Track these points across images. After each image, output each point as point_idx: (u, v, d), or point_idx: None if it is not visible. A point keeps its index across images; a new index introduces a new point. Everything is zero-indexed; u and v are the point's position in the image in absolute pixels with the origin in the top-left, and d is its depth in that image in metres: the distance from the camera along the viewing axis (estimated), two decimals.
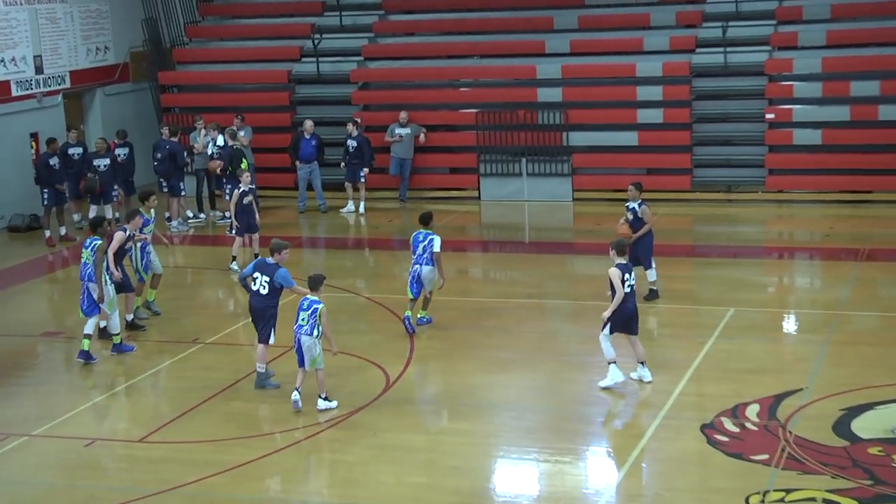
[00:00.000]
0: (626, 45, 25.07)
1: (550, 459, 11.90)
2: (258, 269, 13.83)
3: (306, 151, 23.80)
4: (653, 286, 16.91)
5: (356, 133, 23.75)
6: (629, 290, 13.25)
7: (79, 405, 13.84)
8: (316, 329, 12.99)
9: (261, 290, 13.71)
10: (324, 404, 13.15)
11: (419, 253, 15.56)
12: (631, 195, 16.80)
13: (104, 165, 22.48)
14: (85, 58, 26.06)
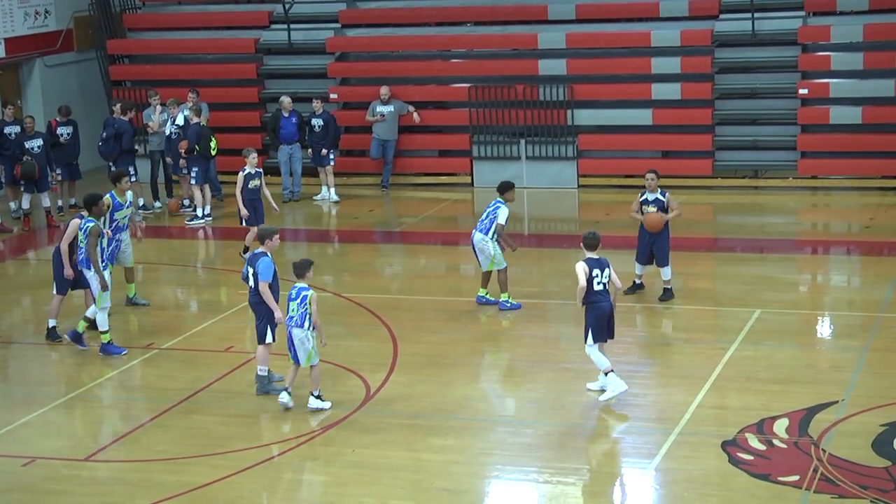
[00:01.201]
0: (640, 10, 25.14)
1: (552, 480, 11.95)
2: (248, 262, 13.97)
3: (287, 131, 23.84)
4: (667, 285, 17.00)
5: (321, 111, 23.80)
6: (601, 288, 13.32)
7: (17, 419, 13.83)
8: (307, 320, 13.15)
9: (251, 283, 13.83)
10: (316, 403, 13.36)
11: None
12: (651, 185, 16.91)
13: (37, 147, 22.45)
14: (22, 23, 26.06)
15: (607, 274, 13.36)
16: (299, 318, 13.21)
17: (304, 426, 13.19)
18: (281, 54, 26.49)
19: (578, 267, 13.33)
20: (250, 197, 19.00)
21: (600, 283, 13.31)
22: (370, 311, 17.09)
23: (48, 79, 26.71)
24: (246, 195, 18.95)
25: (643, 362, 14.86)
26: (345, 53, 26.29)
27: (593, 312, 13.34)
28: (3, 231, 22.41)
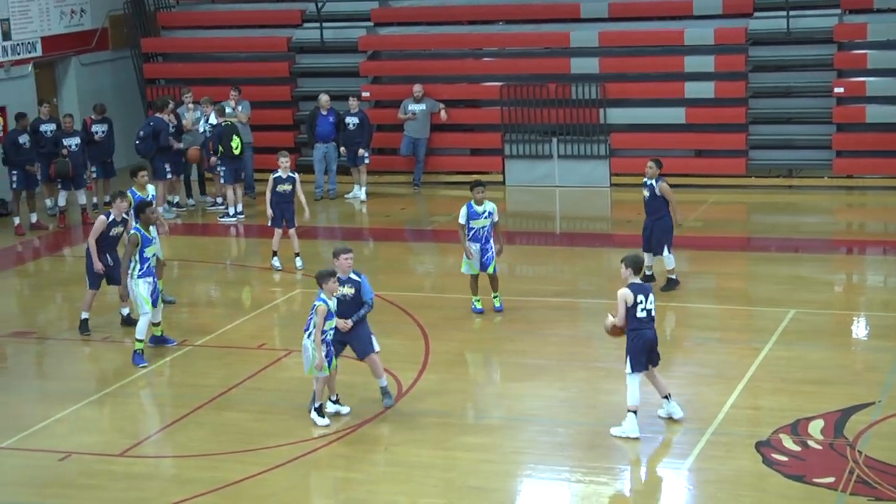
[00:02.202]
0: (673, 8, 25.07)
1: (584, 479, 11.93)
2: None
3: (324, 129, 23.88)
4: (671, 274, 17.10)
5: (357, 109, 23.83)
6: (644, 315, 12.60)
7: (52, 414, 13.91)
8: (310, 329, 12.95)
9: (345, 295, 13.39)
10: (314, 416, 13.12)
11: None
12: (650, 173, 17.18)
13: (74, 145, 22.62)
14: (58, 22, 26.20)
15: (651, 300, 12.66)
16: (306, 326, 13.05)
17: (337, 423, 13.20)
18: (313, 53, 26.55)
19: (621, 295, 12.59)
20: (278, 200, 18.81)
21: (644, 309, 12.57)
22: (402, 308, 17.10)
23: (83, 77, 26.86)
24: (274, 198, 18.86)
25: (676, 362, 14.80)
26: (377, 52, 26.32)
27: (635, 340, 12.61)
28: (40, 228, 22.57)
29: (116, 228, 16.10)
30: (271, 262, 19.11)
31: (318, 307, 12.80)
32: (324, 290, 12.89)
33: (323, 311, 12.79)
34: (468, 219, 16.12)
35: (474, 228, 16.13)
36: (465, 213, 16.13)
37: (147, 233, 15.19)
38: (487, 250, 16.18)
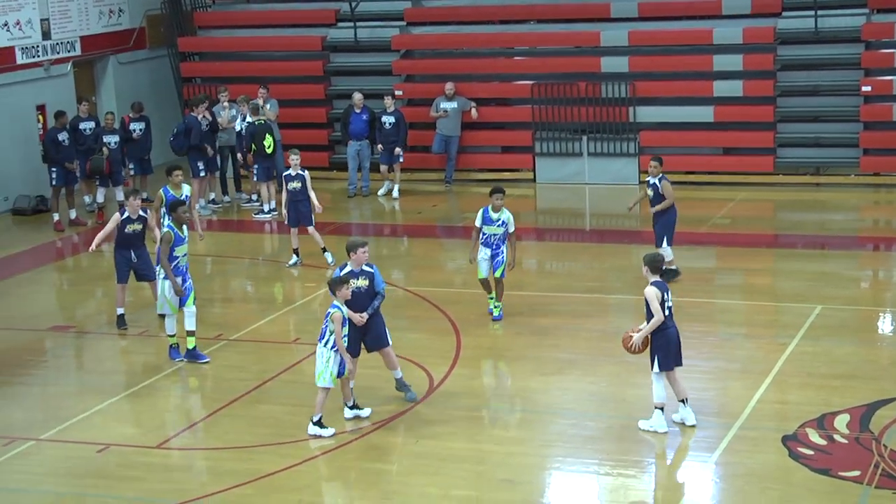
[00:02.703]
0: (702, 7, 25.01)
1: (612, 472, 11.96)
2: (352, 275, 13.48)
3: (357, 127, 23.96)
4: (670, 265, 17.12)
5: (393, 108, 23.89)
6: (668, 313, 12.58)
7: (91, 407, 14.03)
8: (326, 336, 12.75)
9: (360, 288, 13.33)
10: (313, 429, 12.86)
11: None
12: (653, 171, 17.34)
13: (114, 142, 22.80)
14: (97, 22, 26.37)
15: (670, 297, 12.66)
16: (321, 333, 12.88)
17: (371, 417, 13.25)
18: (347, 52, 26.63)
19: (652, 294, 12.49)
20: (290, 198, 18.82)
21: (668, 307, 12.59)
22: (434, 304, 17.16)
23: (121, 76, 27.02)
24: (287, 196, 18.91)
25: (704, 357, 14.80)
26: (410, 51, 26.38)
27: (662, 338, 12.58)
28: (78, 224, 22.73)
29: (132, 226, 16.14)
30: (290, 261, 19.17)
31: (332, 314, 12.69)
32: (337, 298, 12.81)
33: (339, 319, 12.67)
34: (483, 223, 15.94)
35: (486, 234, 15.91)
36: (480, 216, 15.95)
37: (180, 231, 15.10)
38: (498, 255, 15.93)
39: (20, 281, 19.66)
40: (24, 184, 23.92)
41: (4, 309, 18.08)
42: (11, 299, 18.63)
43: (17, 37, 24.37)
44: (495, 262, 15.96)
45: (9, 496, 12.09)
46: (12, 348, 16.36)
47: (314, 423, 12.89)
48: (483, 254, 15.96)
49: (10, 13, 24.15)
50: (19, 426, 13.62)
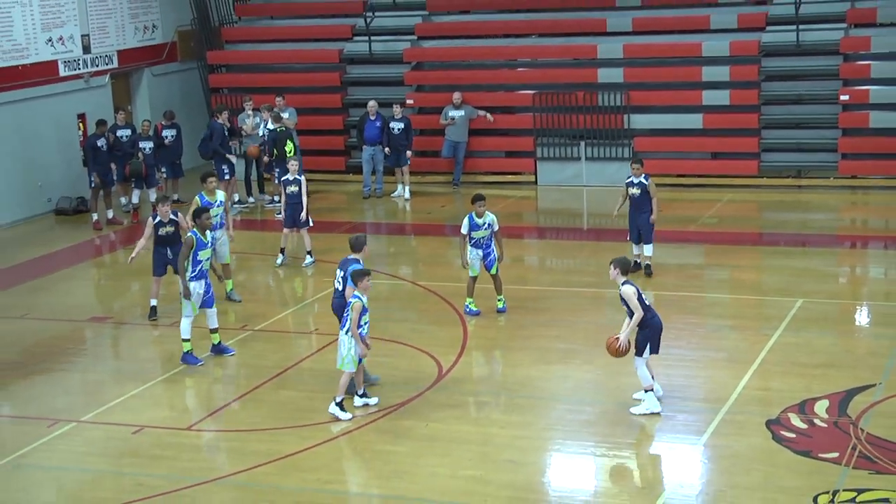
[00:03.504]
0: (692, 23, 24.94)
1: (609, 454, 11.94)
2: (340, 267, 13.53)
3: (371, 133, 23.96)
4: (649, 261, 17.31)
5: (401, 115, 23.90)
6: (649, 304, 12.69)
7: (127, 392, 14.08)
8: (347, 325, 12.80)
9: (337, 286, 13.50)
10: (334, 410, 12.89)
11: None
12: (637, 172, 17.40)
13: (149, 148, 22.84)
14: (132, 37, 26.39)
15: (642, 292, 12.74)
16: (343, 322, 12.96)
17: (383, 402, 13.26)
18: (362, 64, 26.61)
19: (629, 292, 12.52)
20: (289, 201, 18.78)
21: (646, 299, 12.72)
22: (443, 298, 17.14)
23: (154, 86, 27.04)
24: (285, 199, 18.84)
25: (693, 347, 14.79)
26: (420, 63, 26.35)
27: (650, 328, 12.63)
28: (115, 223, 22.77)
29: (164, 229, 16.08)
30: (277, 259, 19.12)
31: (353, 304, 12.72)
32: (358, 288, 12.82)
33: (358, 308, 12.70)
34: (469, 229, 15.87)
35: (475, 238, 15.87)
36: (466, 223, 15.85)
37: (203, 237, 14.88)
38: (489, 254, 15.92)
39: (62, 276, 19.69)
40: (65, 186, 23.96)
41: (47, 302, 18.12)
42: (54, 293, 18.66)
43: (60, 51, 24.40)
44: (488, 260, 15.95)
45: (53, 473, 12.12)
46: (54, 338, 16.40)
47: (336, 404, 12.91)
48: (474, 254, 15.93)
49: (53, 29, 24.18)
50: (62, 409, 13.66)
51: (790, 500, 10.73)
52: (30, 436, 12.91)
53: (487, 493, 11.14)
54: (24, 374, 14.94)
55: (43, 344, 16.14)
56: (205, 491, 11.43)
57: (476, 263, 15.99)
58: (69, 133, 24.44)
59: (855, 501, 10.66)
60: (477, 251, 15.94)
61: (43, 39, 23.98)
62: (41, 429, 13.08)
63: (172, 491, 11.43)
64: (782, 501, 10.74)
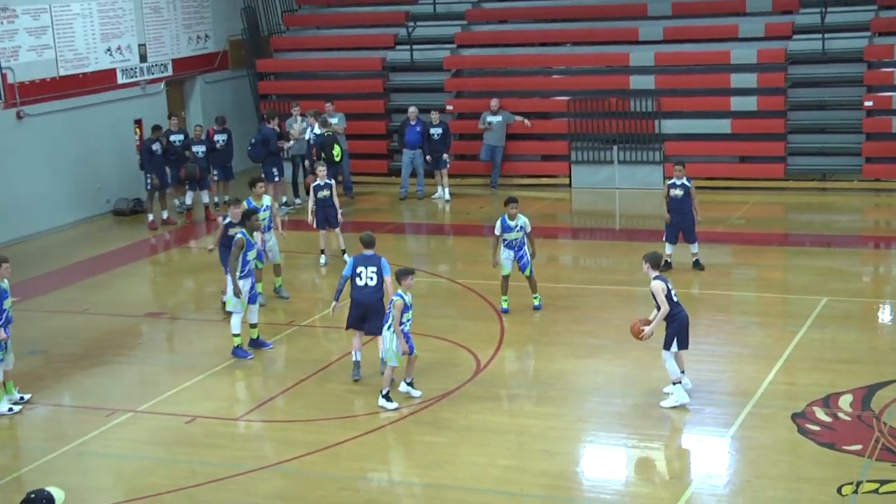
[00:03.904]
0: (721, 31, 24.81)
1: (639, 445, 11.91)
2: (360, 264, 13.63)
3: (411, 137, 24.02)
4: (697, 256, 17.40)
5: (439, 121, 23.95)
6: (677, 300, 12.63)
7: (181, 383, 14.18)
8: (390, 321, 12.85)
9: (368, 282, 13.52)
10: (381, 402, 12.97)
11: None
12: (679, 174, 17.49)
13: (201, 152, 22.99)
14: (186, 46, 26.56)
15: (673, 287, 12.68)
16: (385, 318, 12.99)
17: (424, 395, 13.27)
18: (404, 71, 26.64)
19: (658, 287, 12.51)
20: (320, 205, 18.76)
21: (675, 295, 12.66)
22: (480, 295, 17.15)
23: (207, 93, 27.20)
24: (317, 203, 18.84)
25: (722, 343, 14.73)
26: (460, 70, 26.36)
27: (677, 322, 12.60)
28: (169, 224, 22.92)
29: (234, 229, 16.12)
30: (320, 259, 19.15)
31: (395, 301, 12.77)
32: (402, 286, 12.86)
33: (399, 306, 12.75)
34: (502, 231, 15.81)
35: (508, 239, 15.81)
36: (499, 225, 15.80)
37: (251, 238, 14.96)
38: (522, 256, 15.85)
39: (119, 273, 19.85)
40: (122, 188, 24.15)
41: (106, 298, 18.28)
42: (111, 289, 18.83)
43: (118, 60, 24.60)
44: (522, 262, 15.88)
45: (111, 460, 12.24)
46: (112, 332, 16.55)
47: (382, 396, 12.97)
48: (506, 255, 15.88)
49: (112, 39, 24.39)
50: (119, 399, 13.79)
51: (814, 491, 10.67)
52: (89, 424, 13.05)
53: (523, 482, 11.15)
54: (85, 366, 15.09)
55: (102, 338, 16.29)
56: (254, 478, 11.50)
57: (507, 264, 15.94)
58: (126, 138, 24.63)
59: (878, 492, 10.59)
60: (509, 252, 15.90)
61: (102, 49, 24.20)
62: (100, 418, 13.21)
63: (224, 478, 11.50)
64: (807, 492, 10.68)
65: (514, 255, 15.91)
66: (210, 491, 11.28)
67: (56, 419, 13.49)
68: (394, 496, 11.03)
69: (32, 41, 22.56)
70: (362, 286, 13.57)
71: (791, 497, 10.63)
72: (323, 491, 11.16)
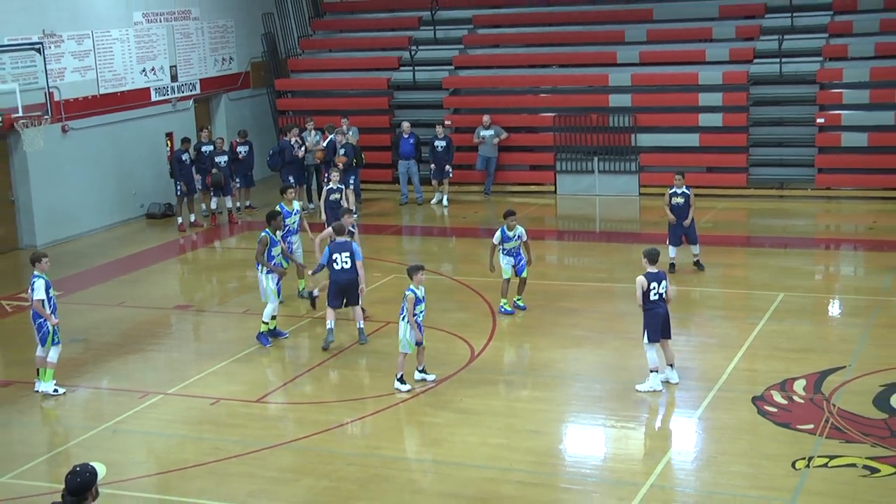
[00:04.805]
0: (690, 56, 24.80)
1: (616, 425, 11.91)
2: (336, 251, 14.13)
3: (405, 149, 24.03)
4: (698, 257, 17.30)
5: (443, 135, 23.93)
6: (657, 298, 12.53)
7: (206, 369, 14.17)
8: (403, 313, 12.81)
9: (344, 265, 14.05)
10: (397, 384, 12.94)
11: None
12: (679, 183, 17.32)
13: (223, 162, 22.97)
14: (212, 67, 26.54)
15: (664, 286, 12.58)
16: (400, 310, 12.91)
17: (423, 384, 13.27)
18: (407, 90, 26.62)
19: (638, 282, 12.54)
20: (331, 206, 18.68)
21: (657, 293, 12.52)
22: (475, 290, 17.14)
23: (231, 109, 27.17)
24: (327, 204, 18.80)
25: (690, 334, 14.72)
26: (457, 89, 26.34)
27: (648, 316, 12.58)
28: (196, 226, 22.89)
29: (339, 237, 15.04)
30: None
31: (407, 296, 12.76)
32: (413, 282, 12.83)
33: (412, 299, 12.73)
34: (502, 241, 15.66)
35: (507, 248, 15.69)
36: (498, 235, 15.63)
37: (275, 236, 14.90)
38: (520, 260, 15.77)
39: (151, 270, 19.83)
40: (155, 194, 24.13)
41: (139, 292, 18.26)
42: (144, 285, 18.81)
43: (152, 80, 24.58)
44: (519, 266, 15.79)
45: (144, 438, 12.23)
46: (145, 322, 16.54)
47: (397, 380, 12.94)
48: (506, 262, 15.75)
49: (146, 61, 24.38)
50: (151, 383, 13.78)
51: (772, 465, 10.67)
52: (124, 405, 13.04)
53: (512, 459, 11.14)
54: (120, 353, 15.08)
55: (136, 328, 16.28)
56: (271, 454, 11.50)
57: (508, 269, 15.82)
58: (159, 149, 24.60)
59: (827, 466, 10.60)
60: (509, 259, 15.77)
61: (138, 70, 24.17)
62: (134, 400, 13.20)
63: (245, 454, 11.50)
64: (765, 466, 10.68)
65: (514, 262, 15.81)
66: (231, 465, 11.27)
67: (95, 400, 13.48)
68: (396, 470, 11.02)
69: (76, 63, 22.55)
70: (339, 269, 14.13)
71: (751, 471, 10.63)
72: (332, 466, 11.15)
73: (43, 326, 13.26)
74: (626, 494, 10.25)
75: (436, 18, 27.54)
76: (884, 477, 10.37)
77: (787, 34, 24.13)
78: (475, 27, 27.47)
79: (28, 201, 21.50)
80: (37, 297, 13.09)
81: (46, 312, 13.16)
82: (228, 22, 26.98)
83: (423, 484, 10.77)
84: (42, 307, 13.12)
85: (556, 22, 26.73)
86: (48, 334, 13.28)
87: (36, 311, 13.19)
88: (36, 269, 13.27)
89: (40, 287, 13.12)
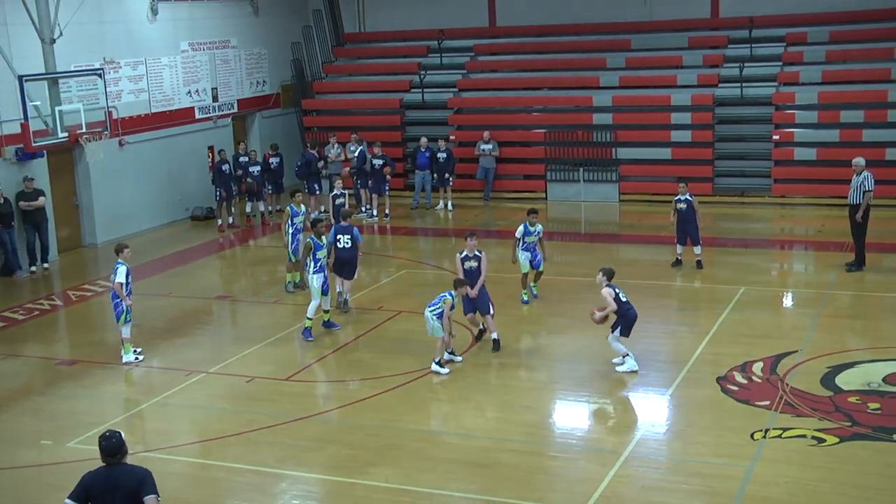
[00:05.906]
0: (664, 80, 24.75)
1: (599, 402, 11.93)
2: (339, 233, 15.05)
3: (421, 161, 24.05)
4: (699, 257, 17.22)
5: (445, 147, 23.97)
6: (625, 301, 12.57)
7: (242, 351, 14.20)
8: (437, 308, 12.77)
9: (345, 245, 14.70)
10: (435, 367, 12.90)
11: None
12: (682, 190, 17.14)
13: (256, 171, 22.99)
14: (248, 89, 26.55)
15: (621, 291, 12.66)
16: (431, 303, 12.90)
17: (430, 362, 13.27)
18: (417, 109, 26.60)
19: (607, 293, 12.50)
20: (337, 208, 18.77)
21: (625, 296, 12.63)
22: None
23: (264, 126, 27.18)
24: (334, 207, 18.84)
25: (663, 321, 14.72)
26: (461, 108, 26.32)
27: (625, 318, 12.60)
28: (234, 227, 22.89)
29: (469, 263, 14.27)
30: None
31: (445, 299, 12.81)
32: (455, 292, 12.89)
33: (449, 303, 12.80)
34: (524, 234, 15.71)
35: (527, 242, 15.73)
36: (521, 230, 15.68)
37: (319, 241, 14.72)
38: (537, 255, 15.82)
39: (195, 265, 19.86)
40: (198, 198, 24.15)
41: (184, 284, 18.28)
42: (189, 278, 18.83)
43: (196, 101, 24.60)
44: (537, 260, 15.81)
45: (189, 410, 12.27)
46: (190, 311, 16.56)
47: (435, 363, 12.89)
48: (524, 256, 15.75)
49: (191, 84, 24.41)
50: (195, 363, 13.81)
51: (733, 436, 10.69)
52: (172, 382, 13.08)
53: (508, 430, 11.16)
54: (169, 336, 15.11)
55: (181, 315, 16.30)
56: (298, 425, 11.53)
57: (526, 263, 15.80)
58: (202, 160, 24.61)
59: (781, 437, 10.61)
60: (527, 254, 15.76)
61: (184, 92, 24.20)
62: (180, 377, 13.24)
63: (275, 425, 11.53)
64: (727, 437, 10.70)
65: (531, 257, 15.79)
66: (264, 435, 11.30)
67: (147, 377, 13.51)
68: (407, 440, 11.04)
69: (132, 86, 22.59)
70: (341, 248, 15.15)
71: (715, 441, 10.64)
72: (353, 436, 11.18)
73: (119, 306, 13.57)
74: (607, 461, 10.27)
75: (442, 47, 27.52)
76: (829, 446, 10.40)
77: (746, 62, 24.10)
78: (476, 55, 27.45)
79: (90, 205, 21.56)
80: (117, 280, 13.43)
81: (123, 294, 13.49)
82: (262, 50, 26.98)
83: (432, 452, 10.78)
84: (121, 289, 13.44)
85: (546, 50, 26.70)
86: (122, 313, 13.58)
87: (115, 292, 13.49)
88: (119, 257, 13.59)
89: (122, 272, 13.45)
